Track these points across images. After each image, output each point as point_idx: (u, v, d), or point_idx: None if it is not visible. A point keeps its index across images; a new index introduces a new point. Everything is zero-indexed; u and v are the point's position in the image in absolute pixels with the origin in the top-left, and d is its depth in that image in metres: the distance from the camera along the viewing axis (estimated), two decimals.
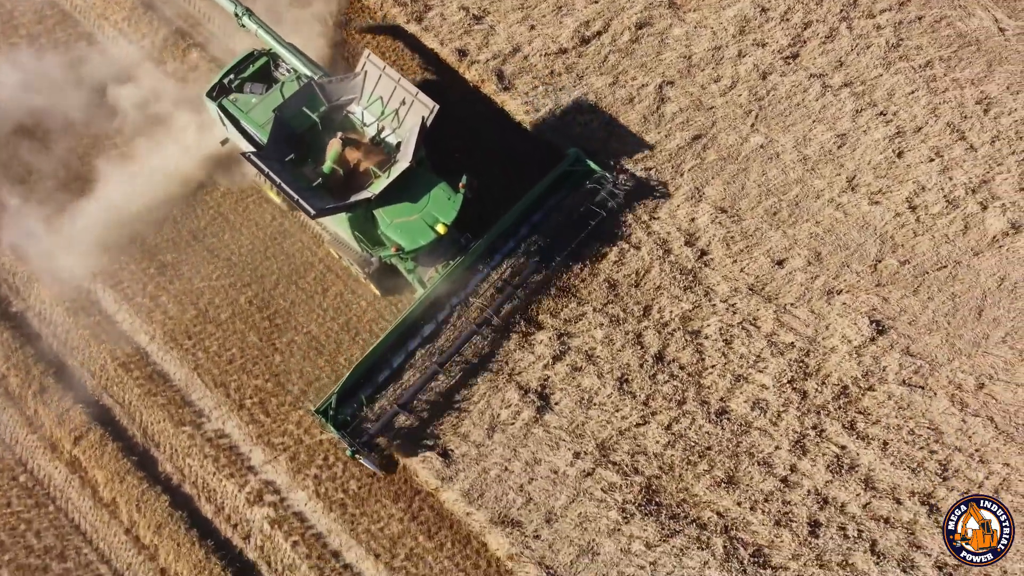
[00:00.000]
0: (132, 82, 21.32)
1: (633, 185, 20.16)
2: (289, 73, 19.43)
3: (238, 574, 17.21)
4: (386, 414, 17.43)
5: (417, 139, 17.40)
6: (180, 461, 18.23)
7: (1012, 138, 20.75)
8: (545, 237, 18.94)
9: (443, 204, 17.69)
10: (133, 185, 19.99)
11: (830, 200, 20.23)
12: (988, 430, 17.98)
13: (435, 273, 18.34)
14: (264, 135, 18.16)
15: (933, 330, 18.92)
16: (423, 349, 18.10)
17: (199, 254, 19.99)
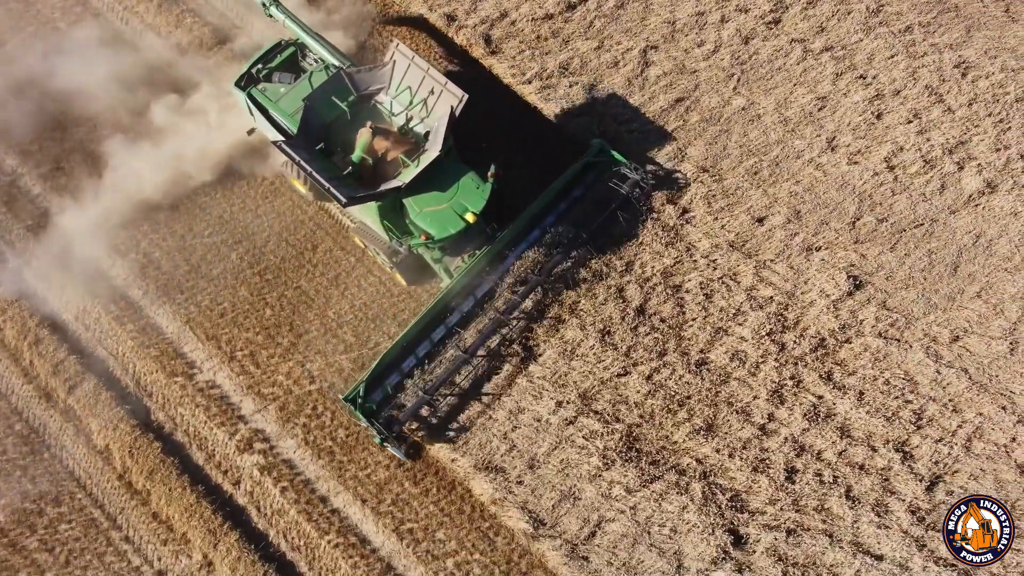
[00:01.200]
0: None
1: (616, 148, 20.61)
2: (317, 63, 19.53)
3: (228, 518, 17.60)
4: (414, 403, 17.56)
5: (446, 128, 17.56)
6: (172, 410, 18.65)
7: (989, 100, 21.16)
8: (569, 227, 18.99)
9: (472, 193, 17.83)
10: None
11: (810, 160, 20.64)
12: (962, 381, 18.39)
13: (461, 263, 18.44)
14: (293, 124, 18.34)
15: (909, 285, 19.33)
16: (450, 338, 18.14)
17: (191, 212, 20.37)
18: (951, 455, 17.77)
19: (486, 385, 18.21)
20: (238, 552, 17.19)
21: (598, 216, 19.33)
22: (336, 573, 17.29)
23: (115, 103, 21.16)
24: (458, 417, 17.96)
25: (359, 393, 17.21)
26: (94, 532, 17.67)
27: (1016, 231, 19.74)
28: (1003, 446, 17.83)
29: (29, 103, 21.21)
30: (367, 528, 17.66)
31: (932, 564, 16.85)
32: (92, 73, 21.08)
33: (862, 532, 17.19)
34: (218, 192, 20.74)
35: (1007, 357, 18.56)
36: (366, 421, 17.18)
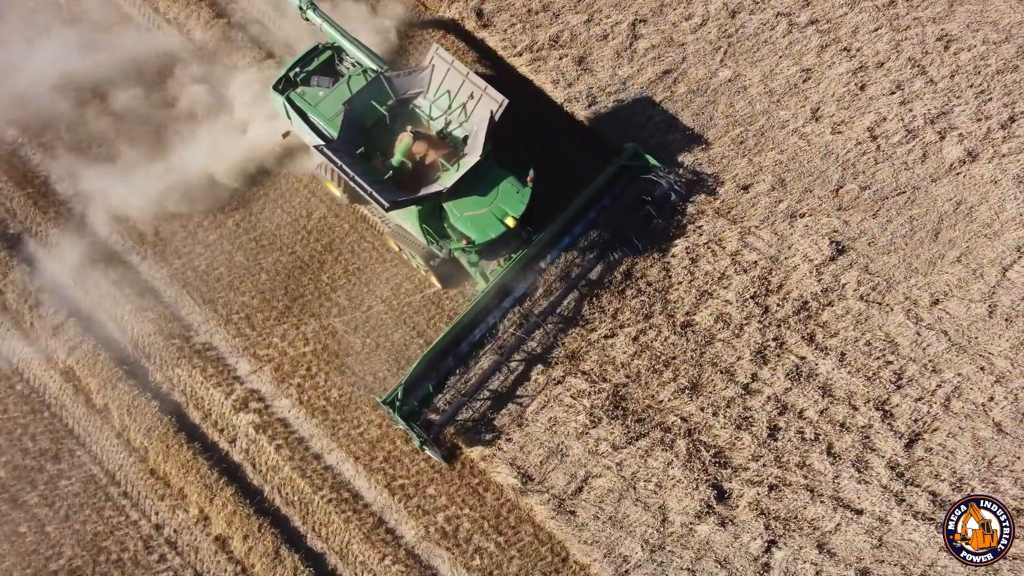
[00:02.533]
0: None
1: (606, 118, 21.04)
2: (354, 66, 19.52)
3: (224, 474, 18.02)
4: (452, 406, 17.64)
5: (486, 133, 17.56)
6: (169, 371, 19.06)
7: (970, 72, 21.58)
8: (603, 230, 19.12)
9: (511, 197, 17.77)
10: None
11: (794, 130, 21.06)
12: (942, 342, 18.82)
13: (497, 266, 18.44)
14: (332, 128, 18.36)
15: (891, 250, 19.75)
16: (487, 341, 18.26)
17: (188, 179, 20.76)
18: (930, 413, 18.20)
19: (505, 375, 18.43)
20: (233, 507, 17.61)
21: (631, 219, 19.37)
22: (329, 527, 17.71)
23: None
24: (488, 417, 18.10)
25: (397, 397, 17.16)
26: (93, 488, 18.09)
27: (996, 198, 20.16)
28: (981, 405, 18.26)
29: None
30: (359, 484, 18.08)
31: (911, 518, 17.29)
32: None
33: (843, 487, 17.62)
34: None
35: (986, 320, 18.99)
36: (405, 424, 17.18)
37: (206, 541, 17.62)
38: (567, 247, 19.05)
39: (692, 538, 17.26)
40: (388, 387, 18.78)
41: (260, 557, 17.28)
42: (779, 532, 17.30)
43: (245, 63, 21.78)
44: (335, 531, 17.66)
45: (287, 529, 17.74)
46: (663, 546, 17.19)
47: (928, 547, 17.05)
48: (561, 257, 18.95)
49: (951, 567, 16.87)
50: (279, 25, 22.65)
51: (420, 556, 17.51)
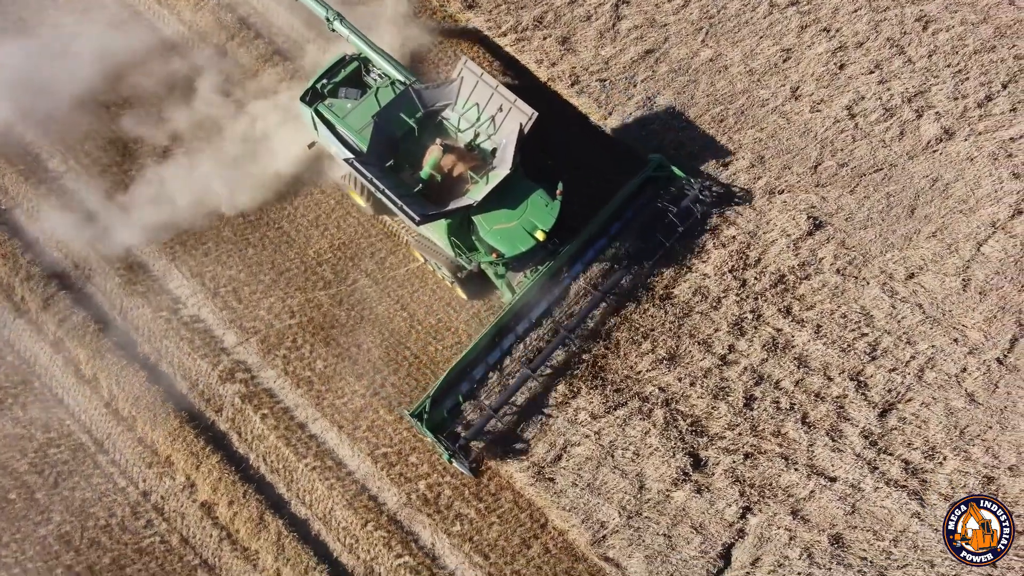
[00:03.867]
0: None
1: (583, 100, 21.40)
2: (381, 78, 19.46)
3: (210, 442, 18.38)
4: (479, 419, 17.63)
5: (515, 146, 17.58)
6: (158, 343, 19.41)
7: (948, 52, 21.88)
8: (630, 241, 19.07)
9: (541, 211, 17.77)
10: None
11: (774, 108, 21.37)
12: (916, 315, 19.14)
13: (524, 278, 18.41)
14: (360, 140, 18.33)
15: (868, 226, 20.06)
16: (513, 354, 18.23)
17: (177, 158, 21.10)
18: (904, 384, 18.52)
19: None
20: (219, 474, 17.97)
21: (655, 230, 19.33)
22: (313, 494, 18.06)
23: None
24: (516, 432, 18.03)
25: (425, 409, 17.20)
26: (82, 455, 18.45)
27: (971, 175, 20.47)
28: (954, 376, 18.58)
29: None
30: (343, 452, 18.43)
31: (883, 485, 17.62)
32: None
33: (817, 455, 17.94)
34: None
35: (960, 293, 19.30)
36: (432, 437, 17.22)
37: (192, 507, 17.98)
38: (592, 259, 18.98)
39: (668, 504, 17.60)
40: (373, 359, 19.20)
41: (244, 522, 17.63)
42: (754, 499, 17.63)
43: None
44: (319, 498, 18.01)
45: (271, 496, 18.09)
46: (640, 512, 17.52)
47: (900, 513, 17.38)
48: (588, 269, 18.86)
49: (921, 533, 17.20)
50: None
51: (401, 522, 17.85)
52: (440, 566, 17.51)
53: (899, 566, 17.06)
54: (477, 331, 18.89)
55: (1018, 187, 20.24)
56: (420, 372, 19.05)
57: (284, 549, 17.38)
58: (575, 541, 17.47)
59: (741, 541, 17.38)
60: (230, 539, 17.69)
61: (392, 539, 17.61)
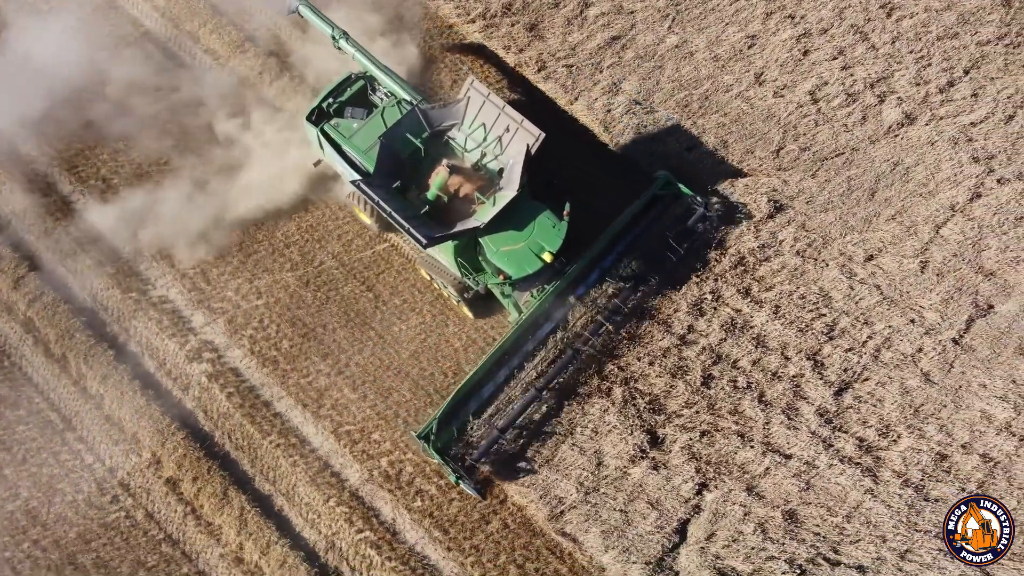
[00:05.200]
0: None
1: (550, 86, 21.69)
2: (387, 97, 19.46)
3: (176, 419, 18.71)
4: (487, 439, 17.37)
5: (522, 167, 17.55)
6: (126, 323, 19.74)
7: (911, 39, 22.13)
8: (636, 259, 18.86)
9: (548, 232, 17.66)
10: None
11: (738, 94, 21.64)
12: (874, 296, 19.38)
13: (531, 297, 18.29)
14: (367, 161, 18.33)
15: (828, 209, 20.32)
16: (520, 374, 17.98)
17: (147, 138, 21.39)
18: (860, 363, 18.77)
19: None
20: (184, 450, 18.28)
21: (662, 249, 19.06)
22: (277, 470, 18.37)
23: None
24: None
25: (432, 430, 17.02)
26: (50, 433, 18.78)
27: (932, 159, 20.71)
28: (910, 356, 18.82)
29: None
30: (307, 430, 18.75)
31: (838, 462, 17.87)
32: None
33: (773, 433, 18.19)
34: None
35: (918, 275, 19.55)
36: (439, 459, 17.04)
37: (157, 483, 18.30)
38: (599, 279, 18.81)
39: (625, 481, 17.85)
40: (338, 339, 19.50)
41: (208, 498, 17.95)
42: (710, 476, 17.88)
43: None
44: (282, 474, 18.32)
45: (236, 472, 18.41)
46: (597, 488, 17.78)
47: (853, 490, 17.62)
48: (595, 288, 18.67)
49: (874, 509, 17.46)
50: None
51: (363, 498, 18.16)
52: (400, 541, 17.81)
53: (852, 541, 17.30)
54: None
55: (977, 171, 20.48)
56: (384, 352, 19.36)
57: (247, 524, 17.68)
58: (533, 516, 17.72)
59: (697, 517, 17.62)
60: (194, 514, 18.01)
61: (353, 515, 17.91)
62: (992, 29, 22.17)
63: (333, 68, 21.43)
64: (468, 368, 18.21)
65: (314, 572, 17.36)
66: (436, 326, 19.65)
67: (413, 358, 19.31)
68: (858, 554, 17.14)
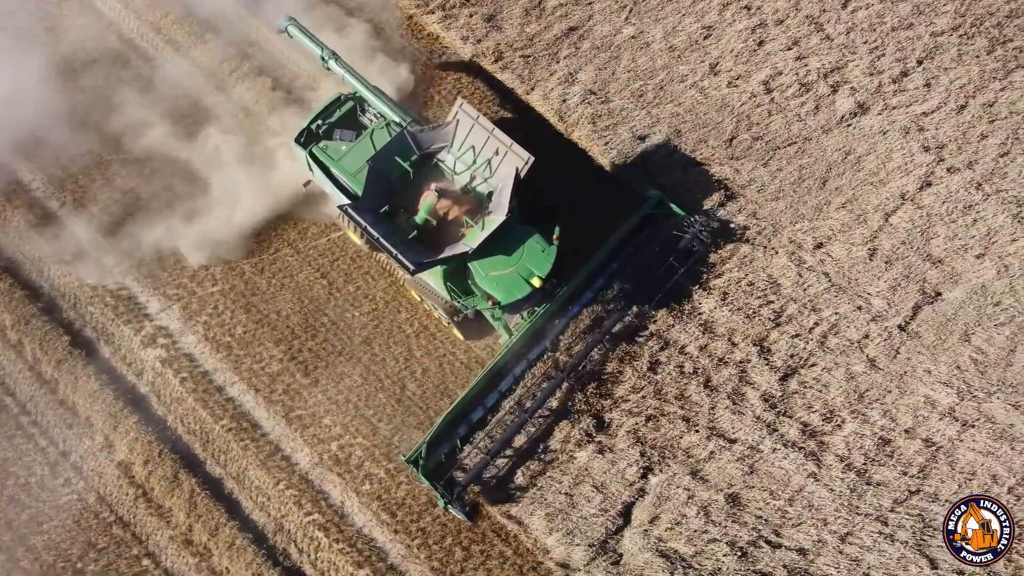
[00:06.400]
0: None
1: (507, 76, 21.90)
2: (377, 119, 19.33)
3: (130, 403, 18.93)
4: (476, 464, 17.39)
5: (511, 191, 17.41)
6: (83, 309, 19.95)
7: (866, 29, 22.31)
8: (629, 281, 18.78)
9: (537, 256, 17.56)
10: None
11: (693, 84, 21.82)
12: (822, 283, 19.56)
13: (521, 319, 18.24)
14: (355, 184, 18.22)
15: (779, 197, 20.50)
16: (509, 397, 17.96)
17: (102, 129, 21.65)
18: (806, 349, 18.96)
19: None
20: (136, 434, 18.52)
21: (656, 271, 19.06)
22: (228, 454, 18.59)
23: None
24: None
25: (421, 455, 16.98)
26: (4, 416, 19.04)
27: (883, 148, 20.89)
28: (856, 342, 19.01)
29: None
30: (259, 415, 18.96)
31: (781, 447, 18.06)
32: None
33: (718, 418, 18.39)
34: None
35: (866, 262, 19.73)
36: (428, 484, 16.99)
37: (110, 466, 18.54)
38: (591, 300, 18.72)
39: (571, 465, 18.04)
40: (291, 325, 19.72)
41: (159, 481, 18.17)
42: (655, 459, 18.08)
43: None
44: (233, 458, 18.54)
45: (187, 456, 18.63)
46: (543, 472, 17.98)
47: (796, 474, 17.81)
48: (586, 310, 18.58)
49: (817, 493, 17.64)
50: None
51: (313, 481, 18.38)
52: (348, 523, 18.02)
53: (793, 524, 17.49)
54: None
55: (928, 160, 20.65)
56: (336, 337, 19.57)
57: (196, 506, 17.91)
58: (479, 499, 17.92)
59: (641, 500, 17.81)
60: (145, 497, 18.24)
61: (303, 497, 18.12)
62: (947, 20, 22.35)
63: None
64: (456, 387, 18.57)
65: (262, 553, 17.58)
66: (389, 312, 19.85)
67: (365, 344, 19.51)
68: (799, 537, 17.34)
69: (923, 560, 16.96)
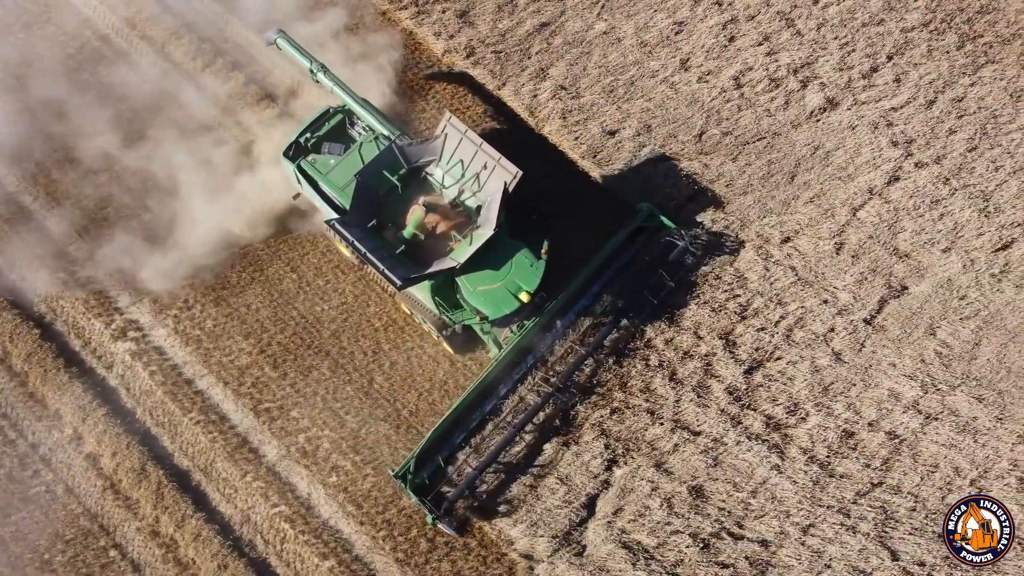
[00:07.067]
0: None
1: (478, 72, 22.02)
2: (365, 132, 19.24)
3: (99, 396, 19.04)
4: (465, 479, 17.33)
5: (499, 205, 17.32)
6: (53, 303, 20.05)
7: (836, 25, 22.42)
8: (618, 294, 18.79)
9: (525, 271, 17.50)
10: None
11: (663, 79, 21.93)
12: (788, 276, 19.66)
13: (511, 333, 18.19)
14: (343, 198, 18.08)
15: (747, 192, 20.60)
16: (498, 411, 18.01)
17: (77, 121, 21.73)
18: (772, 343, 19.06)
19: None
20: (104, 426, 18.61)
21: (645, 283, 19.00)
22: (196, 446, 18.69)
23: None
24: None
25: (409, 470, 16.92)
26: None
27: (852, 143, 21.00)
28: (822, 336, 19.11)
29: None
30: (227, 407, 19.06)
31: (745, 439, 18.16)
32: None
33: (683, 410, 18.48)
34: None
35: (833, 256, 19.83)
36: (416, 499, 16.95)
37: (78, 458, 18.65)
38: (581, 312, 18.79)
39: (536, 457, 18.14)
40: (261, 319, 19.83)
41: (127, 472, 18.27)
42: (619, 452, 18.18)
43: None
44: (201, 450, 18.64)
45: (155, 448, 18.73)
46: (509, 463, 18.08)
47: (760, 466, 17.91)
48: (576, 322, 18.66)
49: (780, 485, 17.74)
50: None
51: (280, 473, 18.48)
52: (315, 515, 18.12)
53: (756, 516, 17.58)
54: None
55: (896, 155, 20.76)
56: (305, 331, 19.68)
57: (163, 498, 18.00)
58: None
59: (605, 492, 17.91)
60: (112, 488, 18.35)
61: (269, 489, 18.23)
62: (917, 15, 22.48)
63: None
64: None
65: (227, 545, 17.67)
66: (357, 307, 19.95)
67: (334, 337, 19.62)
68: (762, 528, 17.44)
69: (884, 551, 17.06)
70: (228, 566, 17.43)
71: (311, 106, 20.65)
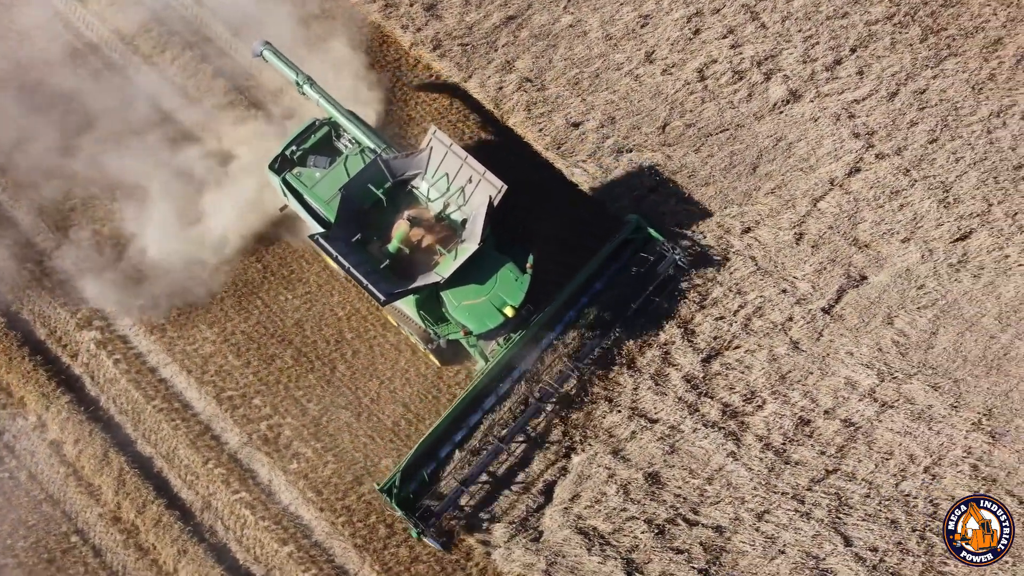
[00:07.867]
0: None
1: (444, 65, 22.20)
2: (351, 145, 19.15)
3: (62, 384, 19.22)
4: (450, 493, 17.36)
5: (484, 219, 17.24)
6: (20, 292, 20.22)
7: (801, 18, 22.58)
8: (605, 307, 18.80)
9: (510, 285, 17.38)
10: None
11: (628, 72, 22.09)
12: (748, 266, 19.82)
13: (497, 346, 18.19)
14: (328, 211, 18.00)
15: (709, 183, 20.76)
16: (485, 424, 17.97)
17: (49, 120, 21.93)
18: (730, 332, 19.22)
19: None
20: (68, 414, 18.81)
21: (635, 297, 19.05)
22: (158, 434, 18.87)
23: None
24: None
25: (395, 483, 16.92)
26: None
27: (814, 135, 21.15)
28: (780, 324, 19.27)
29: None
30: (190, 395, 19.24)
31: (702, 427, 18.33)
32: None
33: (640, 398, 18.65)
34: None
35: (792, 246, 19.99)
36: (401, 512, 17.01)
37: (42, 445, 18.83)
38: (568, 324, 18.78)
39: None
40: (225, 308, 20.00)
41: (89, 459, 18.46)
42: (577, 439, 18.35)
43: None
44: (163, 437, 18.82)
45: (118, 435, 18.92)
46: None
47: (716, 453, 18.08)
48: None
49: (736, 472, 17.90)
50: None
51: (241, 460, 18.66)
52: (275, 502, 18.30)
53: (712, 502, 17.76)
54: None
55: (857, 146, 20.93)
56: (270, 320, 19.85)
57: (125, 484, 18.18)
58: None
59: (563, 479, 18.09)
60: (75, 475, 18.53)
61: (231, 476, 18.40)
62: (881, 9, 22.63)
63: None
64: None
65: (188, 530, 17.86)
66: (321, 296, 20.12)
67: (297, 326, 19.79)
68: (717, 515, 17.61)
69: (837, 537, 17.23)
70: (188, 551, 17.62)
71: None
